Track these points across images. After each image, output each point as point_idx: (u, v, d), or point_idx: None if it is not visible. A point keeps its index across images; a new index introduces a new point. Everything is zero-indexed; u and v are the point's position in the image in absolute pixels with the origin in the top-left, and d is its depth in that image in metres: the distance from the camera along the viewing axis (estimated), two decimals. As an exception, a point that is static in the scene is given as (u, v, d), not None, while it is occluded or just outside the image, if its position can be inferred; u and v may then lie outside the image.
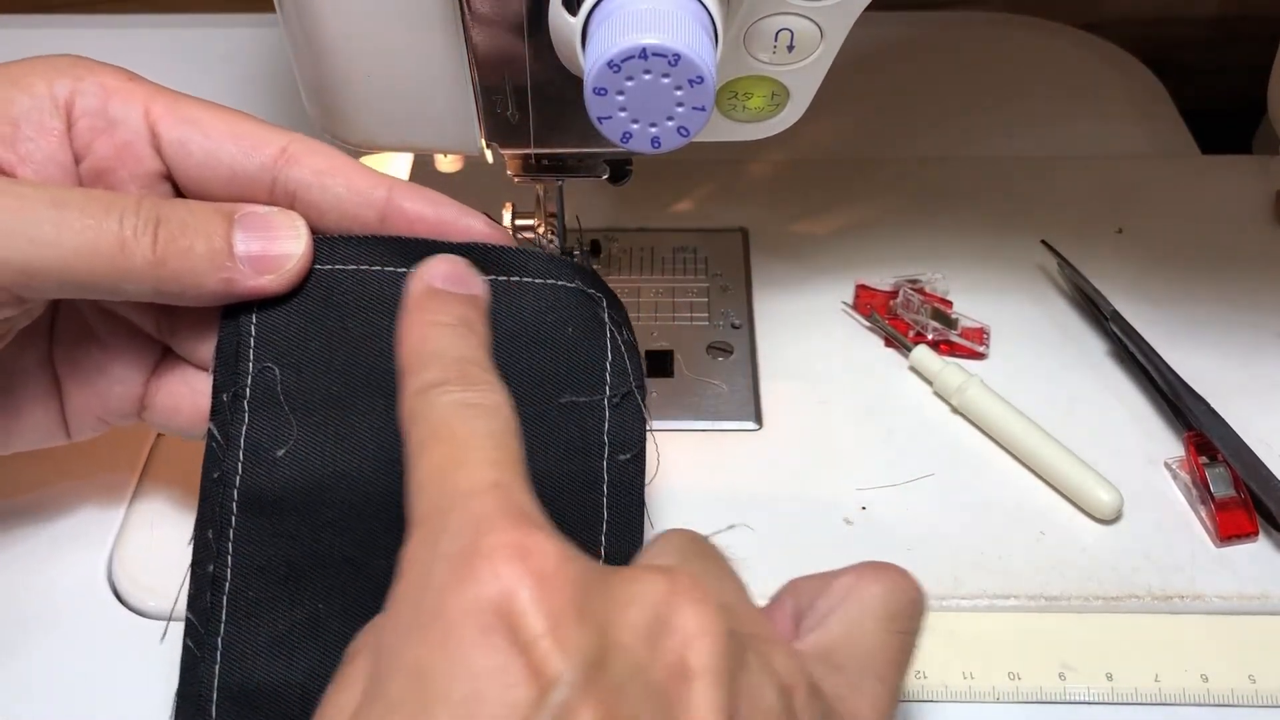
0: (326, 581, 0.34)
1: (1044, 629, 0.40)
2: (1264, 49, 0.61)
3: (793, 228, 0.56)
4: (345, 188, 0.36)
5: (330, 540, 0.34)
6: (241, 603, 0.34)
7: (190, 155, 0.35)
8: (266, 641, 0.33)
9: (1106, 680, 0.38)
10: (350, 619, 0.32)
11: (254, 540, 0.34)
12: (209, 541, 0.34)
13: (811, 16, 0.36)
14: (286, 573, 0.34)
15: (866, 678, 0.29)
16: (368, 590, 0.34)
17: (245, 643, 0.33)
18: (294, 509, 0.34)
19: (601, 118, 0.33)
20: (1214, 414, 0.45)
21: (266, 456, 0.35)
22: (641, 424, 0.36)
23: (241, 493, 0.35)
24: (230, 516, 0.34)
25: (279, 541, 0.34)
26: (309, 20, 0.37)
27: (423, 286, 0.33)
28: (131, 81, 0.36)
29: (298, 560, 0.34)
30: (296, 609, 0.34)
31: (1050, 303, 0.52)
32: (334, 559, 0.34)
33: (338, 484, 0.35)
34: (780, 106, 0.39)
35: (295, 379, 0.35)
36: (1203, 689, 0.38)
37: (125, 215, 0.33)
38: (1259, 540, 0.43)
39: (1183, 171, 0.60)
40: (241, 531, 0.34)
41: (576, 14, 0.33)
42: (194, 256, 0.33)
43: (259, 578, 0.34)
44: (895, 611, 0.30)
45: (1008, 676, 0.38)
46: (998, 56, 0.68)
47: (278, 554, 0.34)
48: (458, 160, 0.47)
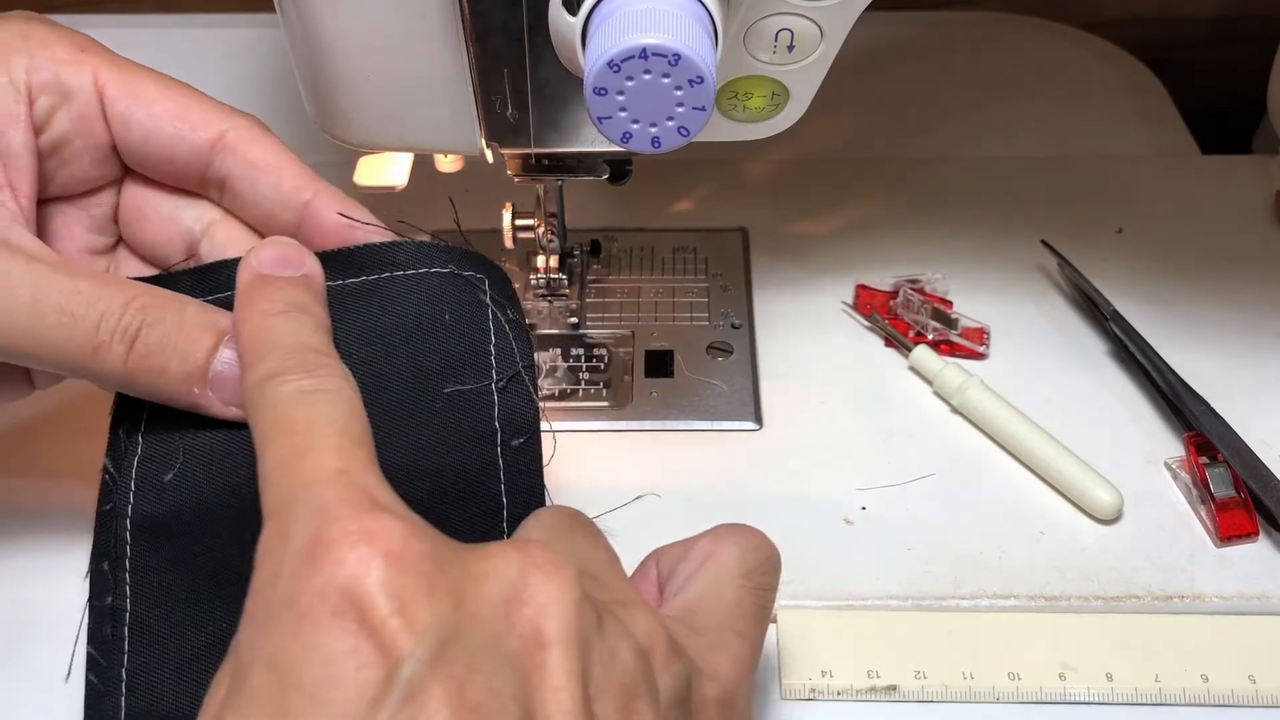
0: (229, 598, 0.32)
1: (1044, 629, 0.40)
2: (1264, 49, 0.61)
3: (793, 228, 0.56)
4: (272, 187, 0.36)
5: (228, 555, 0.34)
6: (145, 631, 0.33)
7: (131, 131, 0.35)
8: (174, 667, 0.33)
9: (1106, 680, 0.38)
10: None
11: (151, 567, 0.34)
12: (105, 573, 0.34)
13: (811, 16, 0.36)
14: (187, 595, 0.34)
15: (726, 634, 0.29)
16: None
17: (152, 671, 0.33)
18: (188, 531, 0.34)
19: (601, 118, 0.33)
20: (1214, 414, 0.45)
21: (155, 483, 0.34)
22: (532, 406, 0.36)
23: (134, 521, 0.34)
24: (125, 546, 0.34)
25: (177, 565, 0.34)
26: (309, 20, 0.37)
27: (251, 274, 0.32)
28: (83, 52, 0.36)
29: (198, 581, 0.34)
30: (202, 630, 0.33)
31: (1050, 303, 0.52)
32: (233, 575, 0.32)
33: (228, 500, 0.34)
34: (780, 106, 0.40)
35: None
36: (1203, 689, 0.38)
37: (106, 318, 0.32)
38: (1259, 540, 0.43)
39: (1183, 171, 0.60)
40: (138, 560, 0.34)
41: (576, 14, 0.33)
42: (166, 377, 0.33)
43: (160, 604, 0.34)
44: (750, 569, 0.31)
45: (1008, 677, 0.38)
46: (998, 56, 0.68)
47: (177, 579, 0.34)
48: (458, 160, 0.47)
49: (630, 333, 0.51)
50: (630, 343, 0.50)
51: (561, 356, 0.49)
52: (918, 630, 0.40)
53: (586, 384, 0.48)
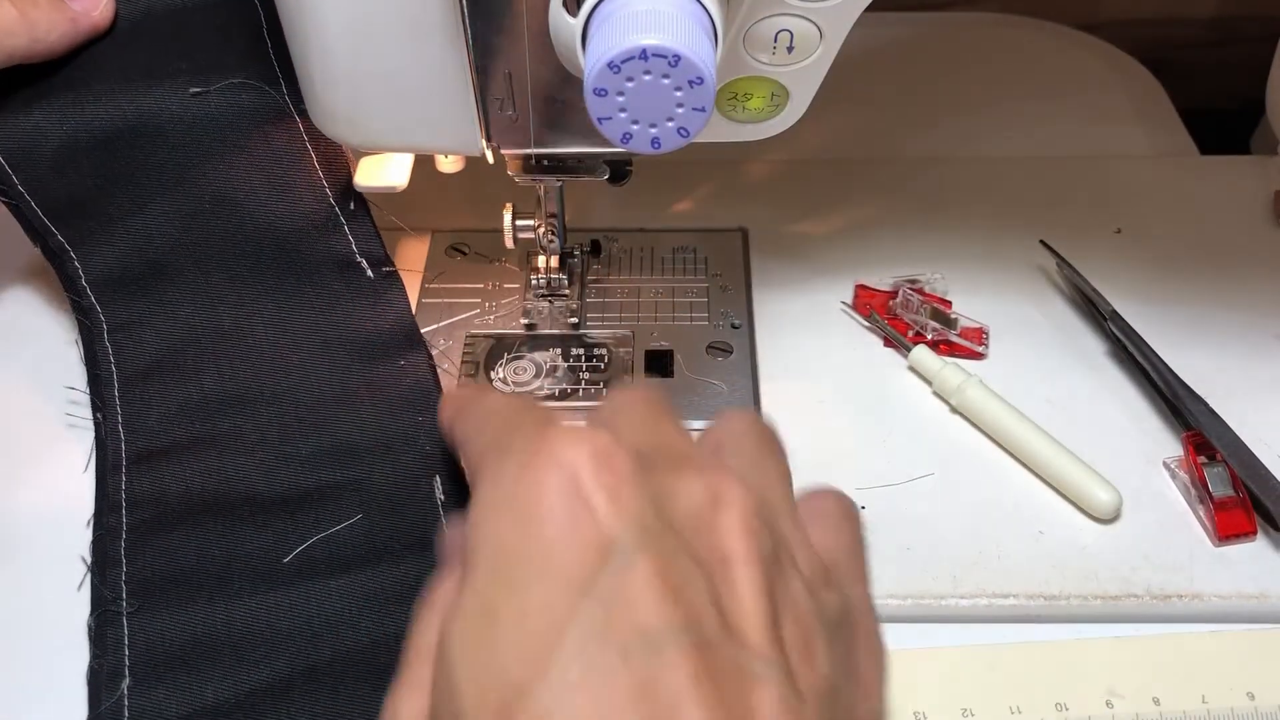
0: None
1: (1087, 655, 0.40)
2: (1262, 49, 0.61)
3: (793, 228, 0.56)
4: None
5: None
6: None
7: None
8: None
9: (1154, 705, 0.38)
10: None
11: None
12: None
13: (811, 17, 0.36)
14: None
15: (856, 566, 0.31)
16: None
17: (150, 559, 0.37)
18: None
19: (601, 118, 0.33)
20: (1213, 414, 0.45)
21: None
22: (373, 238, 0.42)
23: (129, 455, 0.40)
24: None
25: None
26: (309, 20, 0.37)
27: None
28: None
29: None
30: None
31: (1049, 303, 0.53)
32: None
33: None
34: (780, 107, 0.40)
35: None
36: (1249, 707, 0.38)
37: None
38: (1258, 540, 0.43)
39: (1182, 171, 0.60)
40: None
41: (576, 15, 0.33)
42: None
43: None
44: (852, 513, 0.33)
45: (1055, 708, 0.38)
46: (998, 56, 0.68)
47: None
48: (458, 160, 0.47)
49: (630, 333, 0.51)
50: (630, 343, 0.50)
51: (561, 356, 0.49)
52: (958, 667, 0.40)
53: (586, 384, 0.48)
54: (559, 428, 0.27)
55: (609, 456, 0.26)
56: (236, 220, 0.41)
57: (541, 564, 0.25)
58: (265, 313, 0.41)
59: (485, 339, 0.50)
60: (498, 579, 0.25)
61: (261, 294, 0.41)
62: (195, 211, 0.41)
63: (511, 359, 0.49)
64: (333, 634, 0.36)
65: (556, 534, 0.25)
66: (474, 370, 0.49)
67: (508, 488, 0.26)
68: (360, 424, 0.39)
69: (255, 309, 0.41)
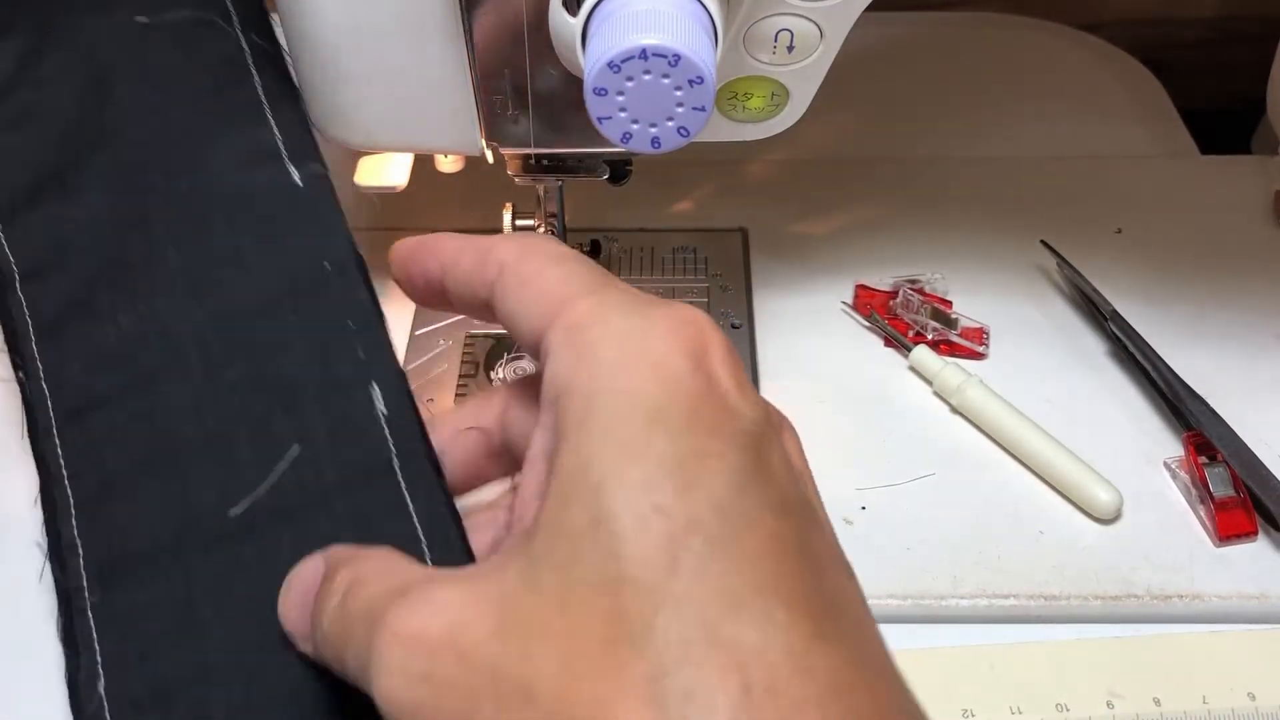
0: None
1: (1087, 655, 0.40)
2: (1263, 49, 0.61)
3: (793, 228, 0.56)
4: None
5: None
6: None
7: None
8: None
9: (1155, 705, 0.38)
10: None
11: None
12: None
13: (811, 17, 0.36)
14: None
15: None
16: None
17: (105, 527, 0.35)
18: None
19: (601, 118, 0.33)
20: (1213, 414, 0.45)
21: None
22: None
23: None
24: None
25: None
26: (308, 20, 0.37)
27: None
28: None
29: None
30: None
31: (1050, 303, 0.53)
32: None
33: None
34: (780, 106, 0.40)
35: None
36: (1250, 708, 0.38)
37: None
38: (1258, 540, 0.43)
39: (1182, 171, 0.60)
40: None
41: (576, 14, 0.33)
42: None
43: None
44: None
45: (1055, 708, 0.38)
46: (998, 56, 0.68)
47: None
48: (458, 160, 0.47)
49: (630, 333, 0.51)
50: (630, 342, 0.50)
51: (561, 356, 0.49)
52: (958, 667, 0.39)
53: (586, 384, 0.48)
54: (668, 302, 0.26)
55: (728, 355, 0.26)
56: (164, 155, 0.38)
57: (689, 416, 0.24)
58: (176, 234, 0.37)
59: (485, 339, 0.50)
60: (640, 420, 0.24)
61: (173, 218, 0.38)
62: (121, 146, 0.39)
63: (511, 359, 0.49)
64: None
65: (698, 400, 0.24)
66: (474, 370, 0.49)
67: (640, 342, 0.25)
68: (286, 340, 0.36)
69: (166, 234, 0.38)
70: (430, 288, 0.31)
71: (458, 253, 0.30)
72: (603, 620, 0.22)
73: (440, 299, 0.31)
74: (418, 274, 0.31)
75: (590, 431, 0.24)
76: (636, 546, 0.22)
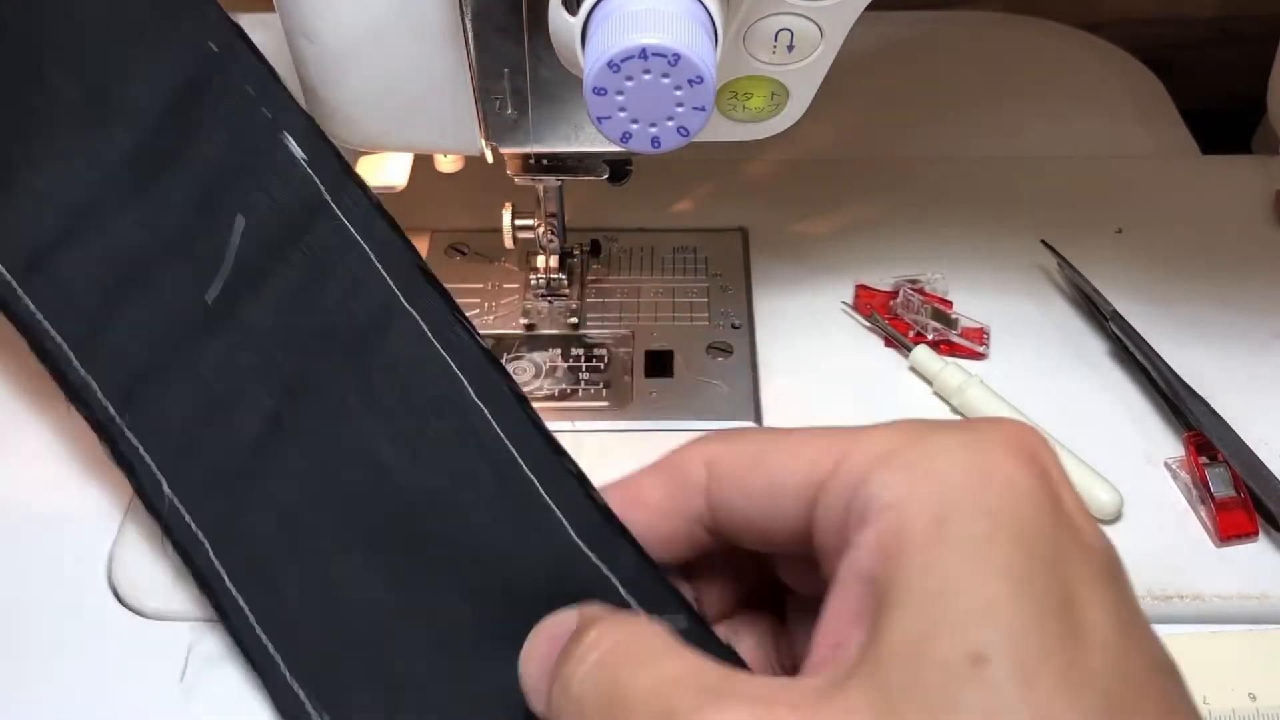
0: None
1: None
2: (1264, 49, 0.61)
3: (793, 228, 0.56)
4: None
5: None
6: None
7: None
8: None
9: None
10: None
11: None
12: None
13: (811, 16, 0.36)
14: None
15: None
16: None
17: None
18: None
19: (601, 118, 0.33)
20: (1214, 414, 0.45)
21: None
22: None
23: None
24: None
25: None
26: (309, 20, 0.37)
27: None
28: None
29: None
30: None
31: (1050, 303, 0.52)
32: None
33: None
34: (780, 106, 0.39)
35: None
36: (1251, 708, 0.38)
37: None
38: (1259, 540, 0.43)
39: (1183, 171, 0.60)
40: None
41: (576, 14, 0.33)
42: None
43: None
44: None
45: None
46: (998, 56, 0.68)
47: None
48: (458, 160, 0.47)
49: (630, 333, 0.51)
50: (630, 343, 0.50)
51: (561, 356, 0.49)
52: None
53: (586, 384, 0.48)
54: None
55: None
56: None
57: (1052, 541, 0.22)
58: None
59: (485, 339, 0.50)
60: (1006, 544, 0.22)
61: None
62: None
63: (511, 359, 0.49)
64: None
65: (1053, 521, 0.23)
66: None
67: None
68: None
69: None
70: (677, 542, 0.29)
71: (647, 491, 0.29)
72: None
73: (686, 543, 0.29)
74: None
75: (947, 554, 0.22)
76: (1033, 695, 0.20)
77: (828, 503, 0.25)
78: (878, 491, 0.23)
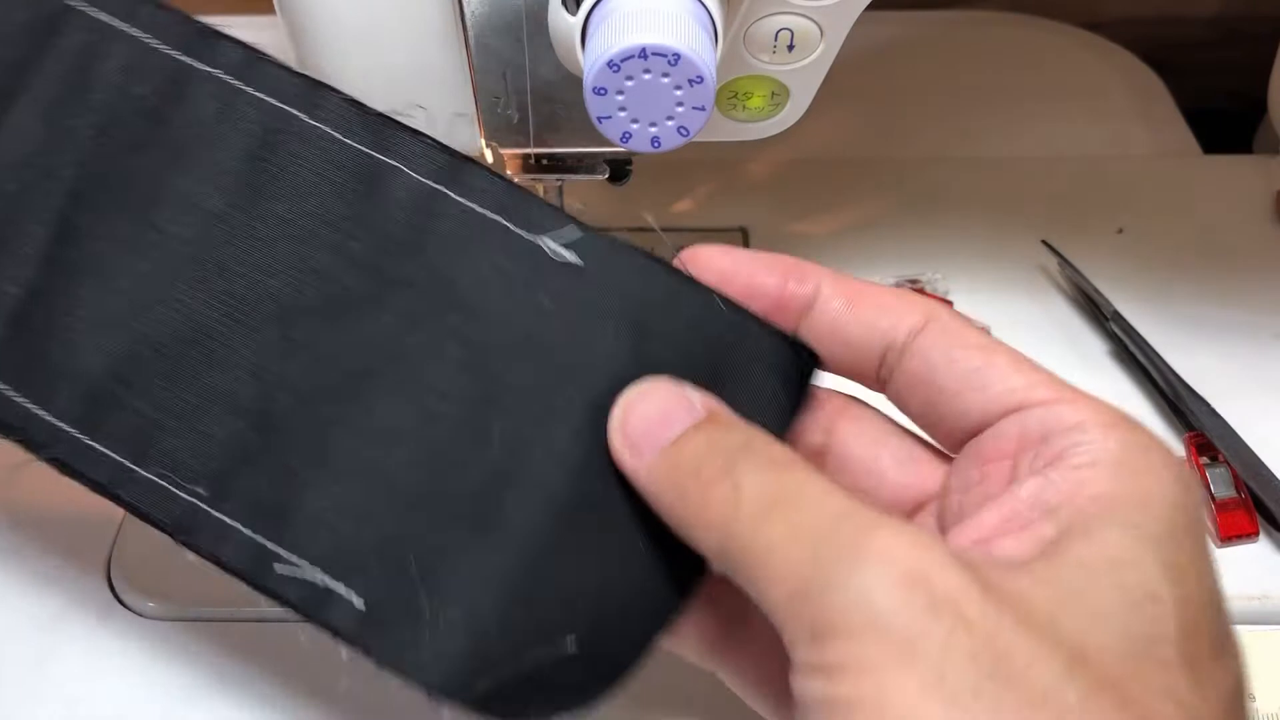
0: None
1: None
2: (1265, 48, 0.61)
3: (793, 228, 0.56)
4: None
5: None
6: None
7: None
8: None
9: None
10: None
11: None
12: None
13: (811, 16, 0.36)
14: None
15: None
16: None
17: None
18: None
19: (601, 117, 0.33)
20: (1214, 414, 0.45)
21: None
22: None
23: None
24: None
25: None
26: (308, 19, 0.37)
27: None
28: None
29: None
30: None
31: (1051, 303, 0.52)
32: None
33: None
34: (780, 106, 0.39)
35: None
36: (1251, 709, 0.38)
37: None
38: (1260, 541, 0.43)
39: (1184, 171, 0.60)
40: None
41: (576, 13, 0.33)
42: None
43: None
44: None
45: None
46: (998, 56, 0.68)
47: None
48: (457, 160, 0.46)
49: (630, 333, 0.50)
50: (630, 343, 0.50)
51: (561, 356, 0.49)
52: None
53: (586, 384, 0.48)
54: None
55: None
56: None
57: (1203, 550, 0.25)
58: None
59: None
60: (1182, 532, 0.24)
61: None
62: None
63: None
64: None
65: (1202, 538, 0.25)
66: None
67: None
68: None
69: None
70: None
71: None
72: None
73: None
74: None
75: (1130, 532, 0.24)
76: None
77: (1022, 421, 0.27)
78: (1096, 453, 0.25)
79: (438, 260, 0.30)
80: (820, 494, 0.24)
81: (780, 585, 0.23)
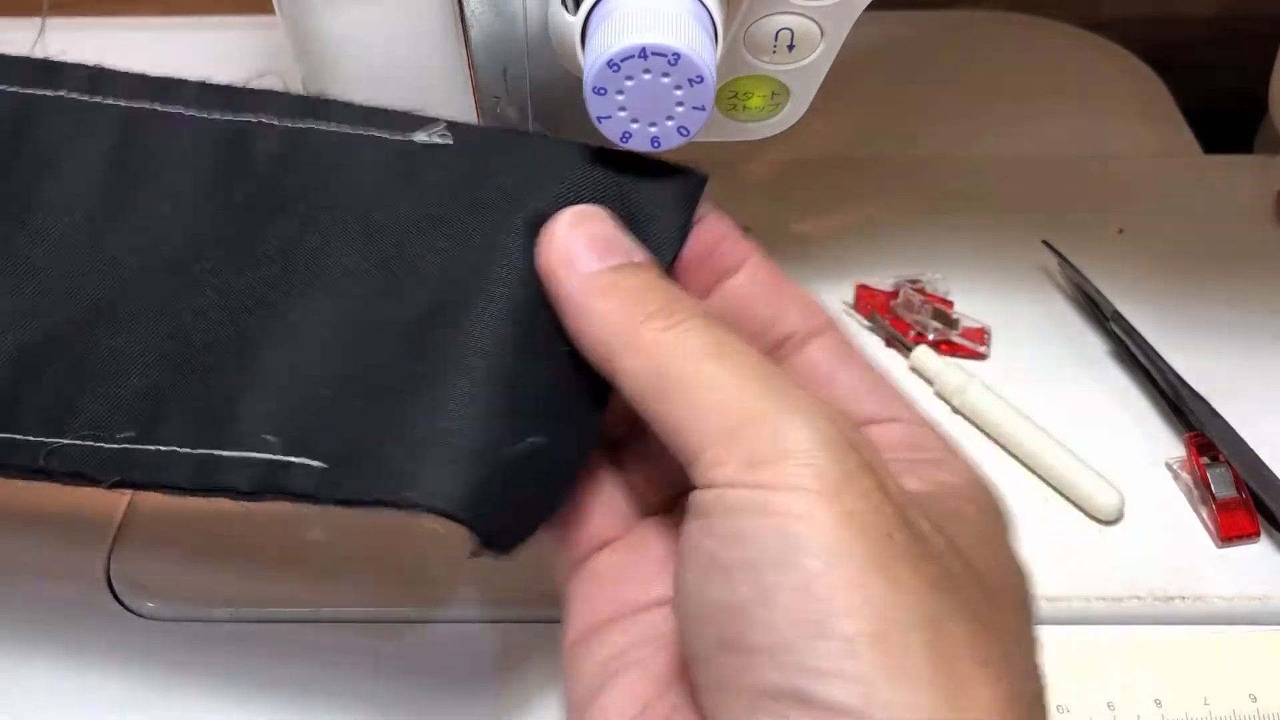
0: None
1: (1089, 657, 0.39)
2: (1265, 48, 0.61)
3: (793, 228, 0.56)
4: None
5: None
6: None
7: None
8: None
9: (1156, 706, 0.38)
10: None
11: None
12: None
13: (811, 16, 0.36)
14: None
15: None
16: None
17: None
18: None
19: (601, 117, 0.33)
20: (1215, 414, 0.45)
21: None
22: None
23: None
24: None
25: None
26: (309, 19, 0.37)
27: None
28: None
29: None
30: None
31: (1051, 303, 0.52)
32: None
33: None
34: (780, 106, 0.39)
35: None
36: (1252, 709, 0.38)
37: None
38: (1260, 541, 0.43)
39: (1183, 171, 0.60)
40: None
41: (575, 13, 0.33)
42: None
43: None
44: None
45: (1056, 710, 0.38)
46: (998, 56, 0.68)
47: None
48: (457, 160, 0.46)
49: (630, 333, 0.50)
50: (630, 343, 0.50)
51: (561, 357, 0.49)
52: None
53: (586, 384, 0.48)
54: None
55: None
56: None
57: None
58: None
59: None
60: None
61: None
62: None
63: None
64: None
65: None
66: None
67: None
68: None
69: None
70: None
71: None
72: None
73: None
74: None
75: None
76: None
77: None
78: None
79: (319, 177, 0.33)
80: (757, 355, 0.28)
81: (718, 417, 0.26)
